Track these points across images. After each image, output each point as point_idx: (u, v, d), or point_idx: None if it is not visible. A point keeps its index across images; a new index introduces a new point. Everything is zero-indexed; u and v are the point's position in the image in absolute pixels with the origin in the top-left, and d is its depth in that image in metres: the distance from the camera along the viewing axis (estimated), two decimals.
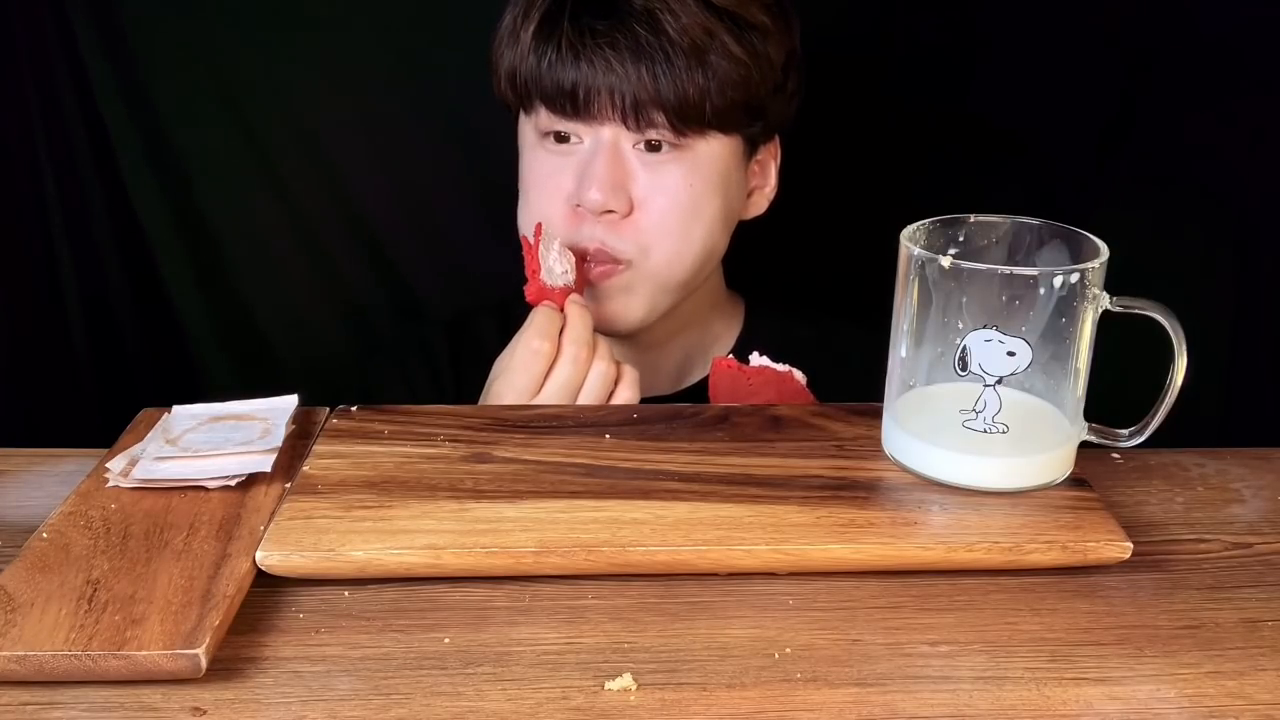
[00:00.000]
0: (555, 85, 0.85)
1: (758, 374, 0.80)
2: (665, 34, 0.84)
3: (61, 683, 0.52)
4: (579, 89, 0.85)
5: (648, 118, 0.85)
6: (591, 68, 0.84)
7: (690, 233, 0.89)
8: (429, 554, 0.58)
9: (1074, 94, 1.13)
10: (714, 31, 0.85)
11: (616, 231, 0.87)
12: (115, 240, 1.15)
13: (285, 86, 1.14)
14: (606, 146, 0.86)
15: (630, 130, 0.86)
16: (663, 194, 0.87)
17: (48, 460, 0.71)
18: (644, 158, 0.87)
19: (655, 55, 0.84)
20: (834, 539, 0.59)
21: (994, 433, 0.62)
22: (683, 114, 0.85)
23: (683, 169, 0.87)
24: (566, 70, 0.85)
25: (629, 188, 0.87)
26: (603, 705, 0.51)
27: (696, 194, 0.88)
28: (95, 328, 1.16)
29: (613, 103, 0.85)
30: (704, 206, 0.89)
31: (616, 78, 0.84)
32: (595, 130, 0.87)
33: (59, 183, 1.12)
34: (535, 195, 0.90)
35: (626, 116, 0.85)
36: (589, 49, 0.84)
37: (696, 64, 0.84)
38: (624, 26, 0.84)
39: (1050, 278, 0.60)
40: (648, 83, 0.84)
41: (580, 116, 0.86)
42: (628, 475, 0.64)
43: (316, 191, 1.17)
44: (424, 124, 1.16)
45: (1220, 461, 0.71)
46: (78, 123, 1.11)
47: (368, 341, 1.21)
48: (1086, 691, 0.52)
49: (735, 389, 0.80)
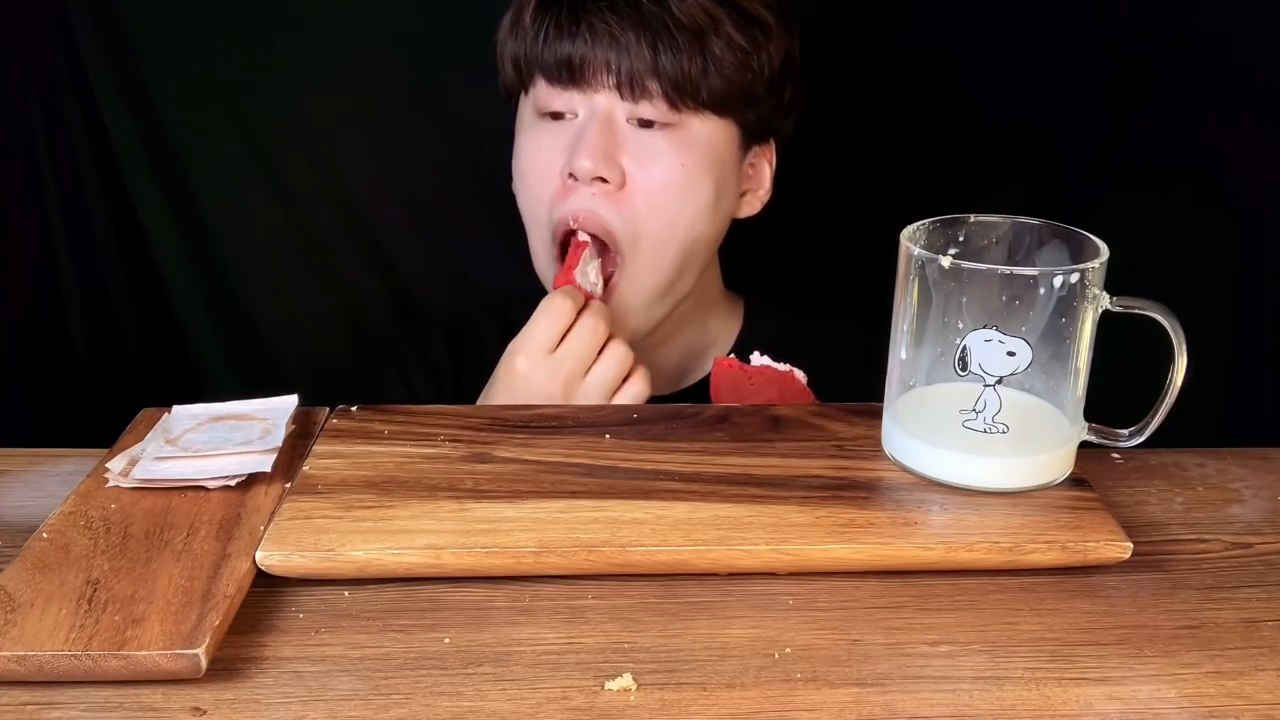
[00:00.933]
0: (554, 54, 0.86)
1: (759, 373, 0.80)
2: (669, 10, 0.85)
3: (61, 683, 0.52)
4: (575, 56, 0.85)
5: (643, 88, 0.85)
6: (591, 34, 0.85)
7: (681, 212, 0.89)
8: (429, 554, 0.58)
9: (1074, 94, 1.13)
10: (717, 17, 0.86)
11: (608, 203, 0.87)
12: (115, 240, 1.15)
13: (285, 86, 1.14)
14: (600, 116, 0.86)
15: (625, 100, 0.86)
16: (655, 168, 0.87)
17: (48, 460, 0.71)
18: (637, 133, 0.87)
19: (656, 27, 0.84)
20: (834, 539, 0.59)
21: (994, 433, 0.62)
22: (679, 88, 0.85)
23: (674, 145, 0.87)
24: (564, 38, 0.86)
25: (620, 159, 0.87)
26: (603, 705, 0.51)
27: (689, 173, 0.88)
28: (95, 328, 1.16)
29: (609, 69, 0.85)
30: (696, 187, 0.88)
31: (616, 45, 0.85)
32: (589, 99, 0.87)
33: (59, 183, 1.11)
34: (529, 170, 0.90)
35: (622, 85, 0.85)
36: (589, 15, 0.85)
37: (696, 43, 0.85)
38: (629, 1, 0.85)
39: (1050, 278, 0.60)
40: (646, 53, 0.84)
41: (576, 84, 0.86)
42: (628, 475, 0.64)
43: (316, 191, 1.17)
44: (424, 124, 1.16)
45: (1220, 461, 0.71)
46: (78, 123, 1.11)
47: (367, 341, 1.21)
48: (1086, 691, 0.52)
49: (738, 388, 0.80)
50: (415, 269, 1.21)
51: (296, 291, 1.20)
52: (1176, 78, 1.10)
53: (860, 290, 0.87)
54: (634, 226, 0.88)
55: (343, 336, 1.22)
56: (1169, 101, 1.11)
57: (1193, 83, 1.10)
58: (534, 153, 0.90)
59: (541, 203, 0.89)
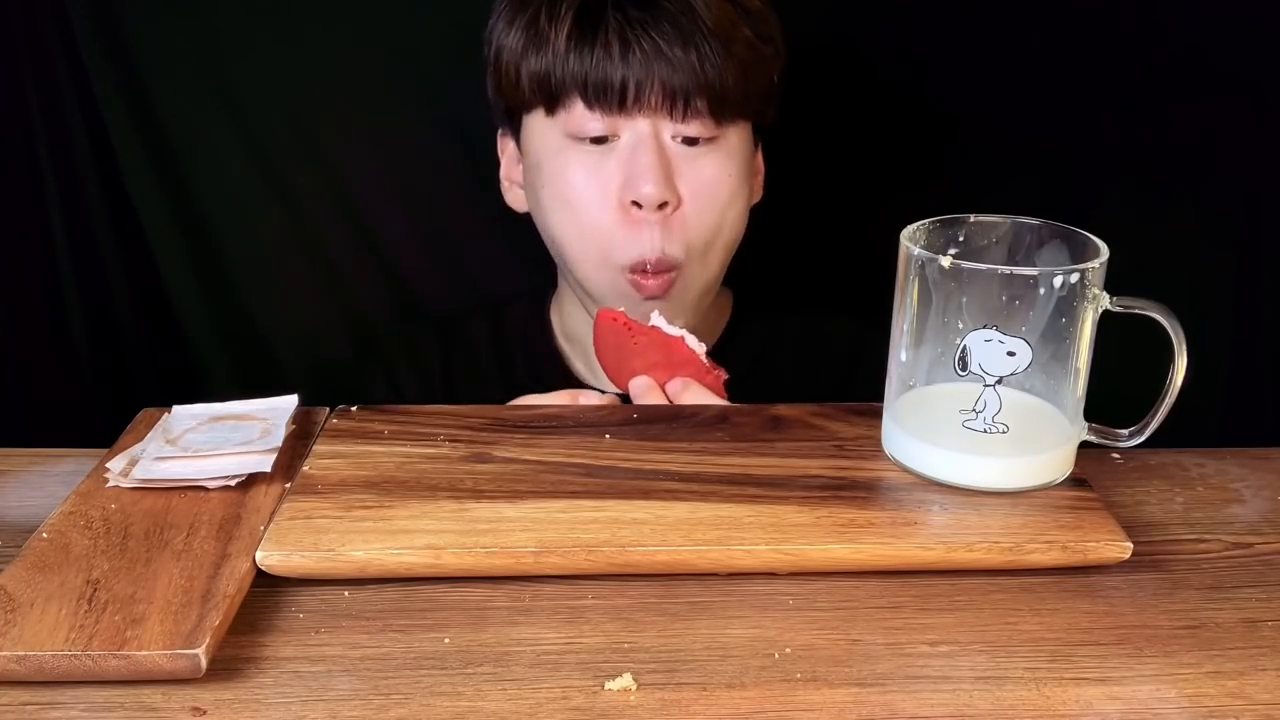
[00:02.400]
0: (602, 76, 0.84)
1: (645, 333, 0.76)
2: (699, 19, 0.84)
3: (61, 683, 0.52)
4: (628, 79, 0.84)
5: (692, 106, 0.84)
6: (642, 54, 0.83)
7: (729, 221, 0.89)
8: (429, 554, 0.58)
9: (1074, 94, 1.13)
10: (735, 20, 0.85)
11: (669, 231, 0.86)
12: (115, 240, 1.15)
13: (285, 86, 1.13)
14: (649, 138, 0.85)
15: (673, 120, 0.85)
16: (707, 187, 0.87)
17: (48, 460, 0.71)
18: (682, 150, 0.86)
19: (696, 39, 0.84)
20: (834, 539, 0.59)
21: (994, 433, 0.62)
22: (722, 100, 0.85)
23: (719, 158, 0.87)
24: (614, 60, 0.83)
25: (675, 181, 0.86)
26: (603, 705, 0.51)
27: (734, 183, 0.88)
28: (95, 328, 1.16)
29: (662, 90, 0.84)
30: (739, 195, 0.89)
31: (666, 64, 0.83)
32: (633, 121, 0.85)
33: (59, 183, 1.11)
34: (577, 199, 0.87)
35: (673, 106, 0.84)
36: (637, 34, 0.83)
37: (726, 49, 0.84)
38: (667, 15, 0.84)
39: (1050, 278, 0.60)
40: (696, 67, 0.83)
41: (623, 110, 0.85)
42: (628, 475, 0.64)
43: (316, 191, 1.17)
44: (424, 124, 1.15)
45: (1220, 461, 0.71)
46: (78, 123, 1.11)
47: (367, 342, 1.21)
48: (1086, 691, 0.52)
49: (620, 346, 0.76)
50: (416, 269, 1.21)
51: (297, 291, 1.20)
52: (1177, 77, 1.10)
53: (860, 291, 0.87)
54: (692, 245, 0.88)
55: (343, 337, 1.22)
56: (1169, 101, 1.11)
57: (1193, 82, 1.10)
58: (580, 180, 0.87)
59: (598, 230, 0.87)
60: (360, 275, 1.20)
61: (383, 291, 1.21)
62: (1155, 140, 1.12)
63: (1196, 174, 1.12)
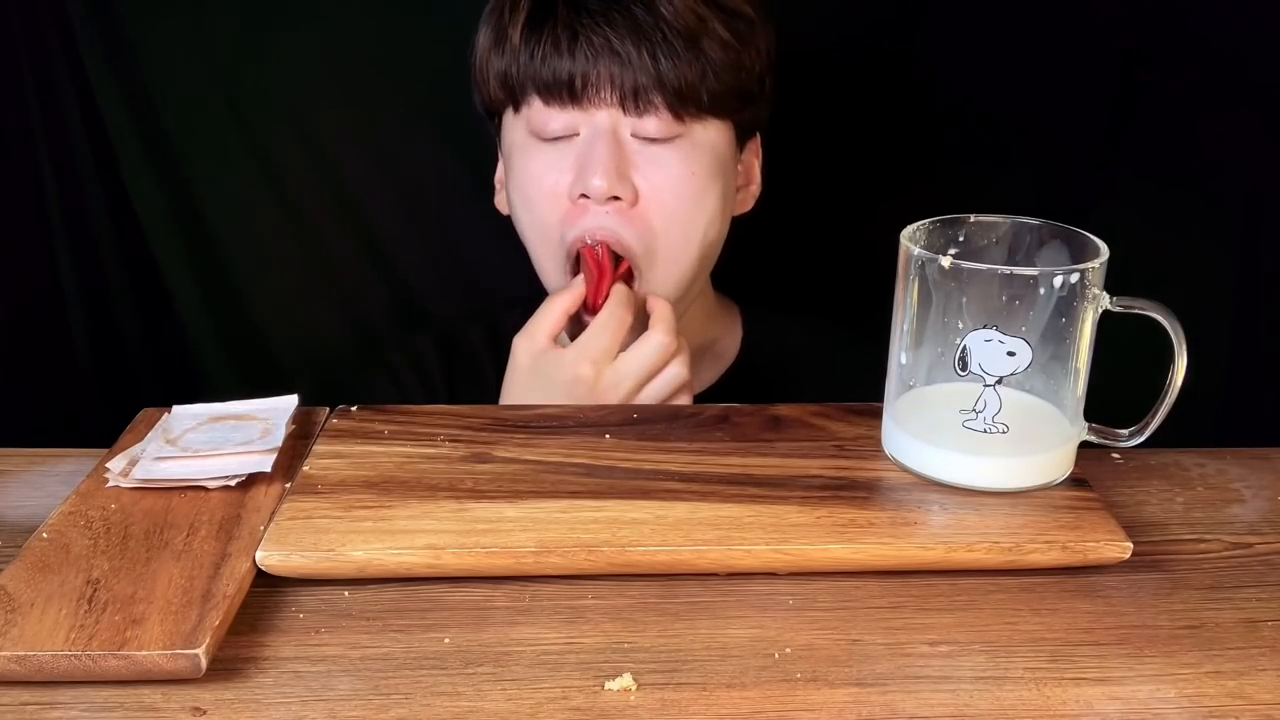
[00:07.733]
0: (552, 72, 0.84)
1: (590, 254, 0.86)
2: (661, 16, 0.83)
3: (61, 683, 0.52)
4: (576, 74, 0.83)
5: (647, 101, 0.84)
6: (590, 49, 0.83)
7: (695, 221, 0.88)
8: (429, 554, 0.58)
9: (1074, 94, 1.13)
10: (705, 18, 0.84)
11: (623, 219, 0.85)
12: (115, 240, 1.15)
13: (285, 86, 1.13)
14: (605, 133, 0.85)
15: (629, 115, 0.85)
16: (666, 182, 0.86)
17: (48, 460, 0.71)
18: (642, 147, 0.86)
19: (654, 37, 0.83)
20: (834, 539, 0.59)
21: (994, 433, 0.62)
22: (682, 97, 0.84)
23: (681, 156, 0.86)
24: (563, 55, 0.83)
25: (631, 176, 0.85)
26: (603, 705, 0.51)
27: (699, 181, 0.87)
28: (95, 327, 1.16)
29: (612, 85, 0.83)
30: (707, 194, 0.87)
31: (617, 60, 0.83)
32: (591, 117, 0.85)
33: (59, 183, 1.11)
34: (535, 194, 0.88)
35: (625, 100, 0.84)
36: (587, 30, 0.83)
37: (692, 47, 0.83)
38: (623, 10, 0.83)
39: (1050, 278, 0.60)
40: (648, 64, 0.83)
41: (578, 103, 0.84)
42: (628, 475, 0.64)
43: (316, 191, 1.17)
44: (424, 124, 1.16)
45: (1220, 461, 0.71)
46: (78, 123, 1.11)
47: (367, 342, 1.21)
48: (1086, 691, 0.52)
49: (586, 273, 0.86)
50: (415, 269, 1.21)
51: (297, 291, 1.20)
52: (1177, 77, 1.10)
53: (860, 291, 0.87)
54: (650, 241, 0.86)
55: (343, 337, 1.22)
56: (1169, 100, 1.11)
57: (1193, 82, 1.10)
58: (538, 175, 0.87)
59: (551, 225, 0.87)
60: (360, 275, 1.20)
61: (383, 291, 1.21)
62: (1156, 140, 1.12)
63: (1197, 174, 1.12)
